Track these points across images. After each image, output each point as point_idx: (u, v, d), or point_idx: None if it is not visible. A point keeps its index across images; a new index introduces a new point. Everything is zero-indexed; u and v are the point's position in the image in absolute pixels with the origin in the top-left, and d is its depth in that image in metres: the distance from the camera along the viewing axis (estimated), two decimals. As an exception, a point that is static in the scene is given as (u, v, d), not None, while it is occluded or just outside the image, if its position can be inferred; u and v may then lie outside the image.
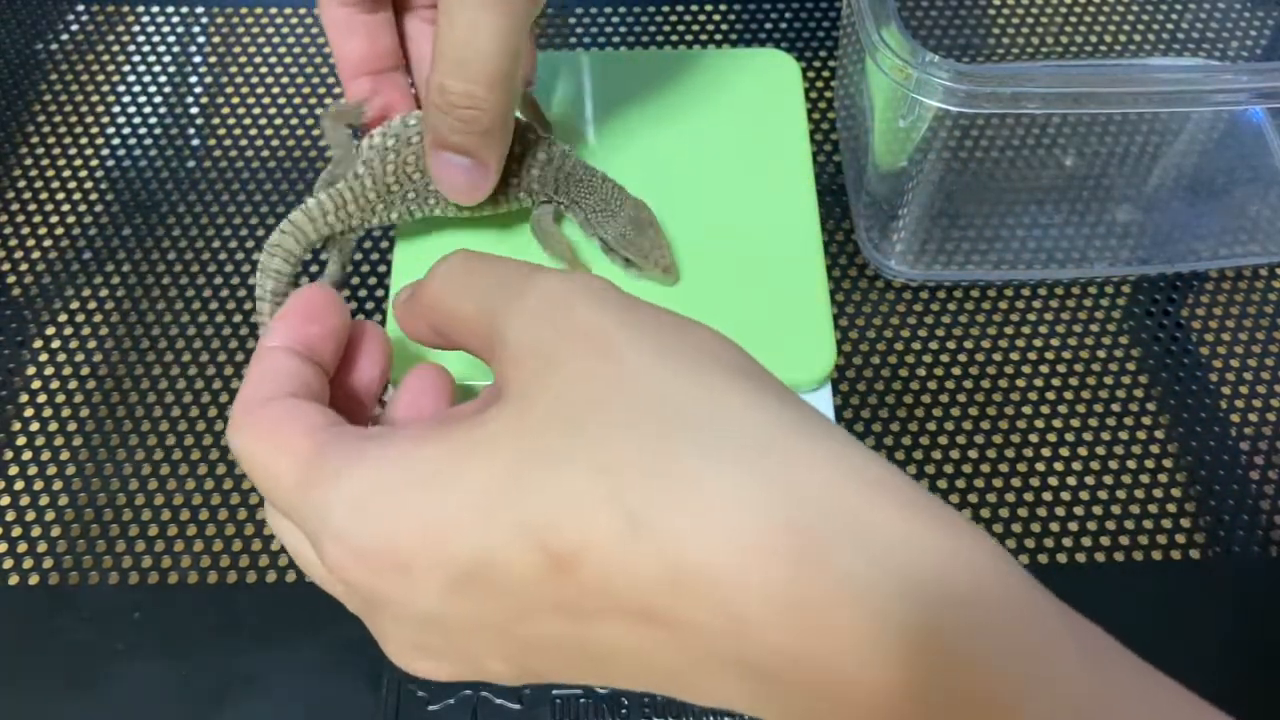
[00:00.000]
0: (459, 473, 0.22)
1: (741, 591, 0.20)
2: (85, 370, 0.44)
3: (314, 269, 0.45)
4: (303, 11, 0.55)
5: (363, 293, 0.46)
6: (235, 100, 0.52)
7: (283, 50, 0.54)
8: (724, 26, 0.55)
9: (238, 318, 0.45)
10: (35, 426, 0.43)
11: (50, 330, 0.45)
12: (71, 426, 0.43)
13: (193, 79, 0.53)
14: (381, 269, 0.47)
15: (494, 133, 0.33)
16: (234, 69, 0.53)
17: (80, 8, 0.55)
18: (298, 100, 0.52)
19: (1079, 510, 0.42)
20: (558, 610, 0.21)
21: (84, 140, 0.51)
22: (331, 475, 0.23)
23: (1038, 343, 0.46)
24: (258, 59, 0.54)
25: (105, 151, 0.51)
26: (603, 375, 0.22)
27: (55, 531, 0.40)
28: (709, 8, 0.56)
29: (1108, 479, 0.42)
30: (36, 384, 0.44)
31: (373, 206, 0.36)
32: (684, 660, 0.21)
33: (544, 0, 0.32)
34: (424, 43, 0.38)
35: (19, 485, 0.41)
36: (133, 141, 0.51)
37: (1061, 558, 0.41)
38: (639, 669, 0.22)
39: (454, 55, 0.31)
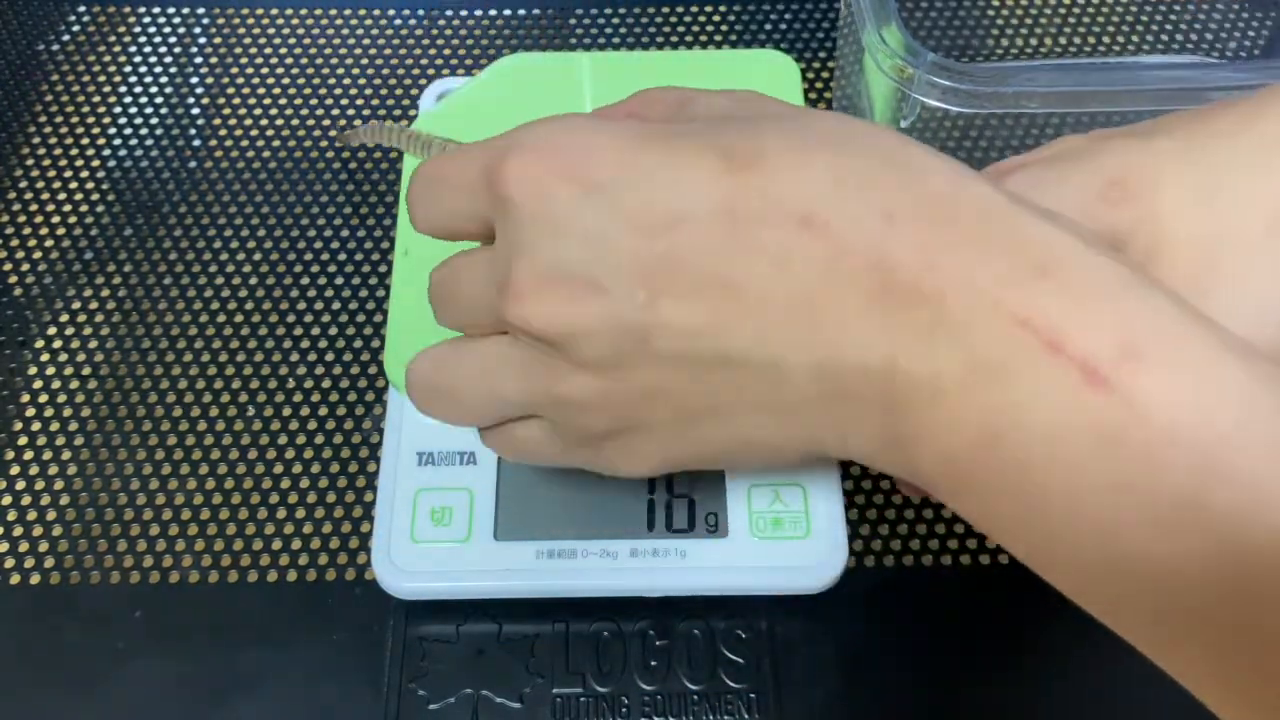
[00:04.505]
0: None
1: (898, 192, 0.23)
2: (86, 370, 0.44)
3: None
4: (304, 12, 0.55)
5: (364, 293, 0.46)
6: (237, 101, 0.52)
7: (284, 51, 0.54)
8: (724, 27, 0.55)
9: (239, 318, 0.45)
10: (36, 426, 0.43)
11: (51, 330, 0.45)
12: (72, 426, 0.43)
13: (194, 80, 0.53)
14: (373, 281, 0.47)
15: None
16: (235, 70, 0.53)
17: (81, 8, 0.56)
18: (299, 101, 0.52)
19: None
20: (720, 213, 0.23)
21: (85, 141, 0.51)
22: None
23: (1038, 343, 0.45)
24: (259, 60, 0.54)
25: (106, 152, 0.51)
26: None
27: (55, 531, 0.40)
28: (709, 8, 0.56)
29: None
30: (38, 384, 0.44)
31: None
32: (819, 271, 0.22)
33: None
34: None
35: (19, 485, 0.41)
36: (134, 142, 0.51)
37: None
38: (774, 288, 0.23)
39: None
